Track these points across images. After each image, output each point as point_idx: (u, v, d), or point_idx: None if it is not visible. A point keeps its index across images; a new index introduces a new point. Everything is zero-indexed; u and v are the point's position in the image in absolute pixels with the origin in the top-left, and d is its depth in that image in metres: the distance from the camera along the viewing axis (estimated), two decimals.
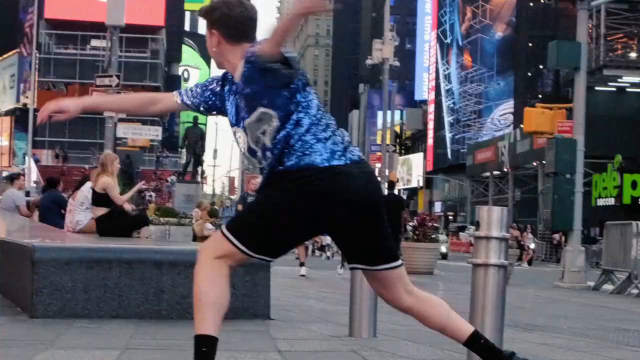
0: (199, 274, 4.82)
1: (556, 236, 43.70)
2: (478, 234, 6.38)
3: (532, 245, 45.78)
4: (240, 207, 22.72)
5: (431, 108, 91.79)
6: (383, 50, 48.61)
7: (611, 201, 47.53)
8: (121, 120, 33.16)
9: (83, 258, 8.93)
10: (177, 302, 8.51)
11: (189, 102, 5.20)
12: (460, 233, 59.63)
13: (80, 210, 15.66)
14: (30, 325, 7.88)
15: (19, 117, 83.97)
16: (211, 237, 5.23)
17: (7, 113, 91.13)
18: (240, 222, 4.95)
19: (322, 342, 7.59)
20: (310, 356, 6.57)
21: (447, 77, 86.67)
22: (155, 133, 45.82)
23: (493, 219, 6.36)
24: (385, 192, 25.34)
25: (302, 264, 19.21)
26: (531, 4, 66.46)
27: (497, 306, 6.36)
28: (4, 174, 44.89)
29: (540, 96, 56.08)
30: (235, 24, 5.03)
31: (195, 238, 25.33)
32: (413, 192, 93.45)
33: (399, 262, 4.99)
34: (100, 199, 13.93)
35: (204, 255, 4.83)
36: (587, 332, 10.10)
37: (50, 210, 18.32)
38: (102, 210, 13.85)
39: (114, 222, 13.74)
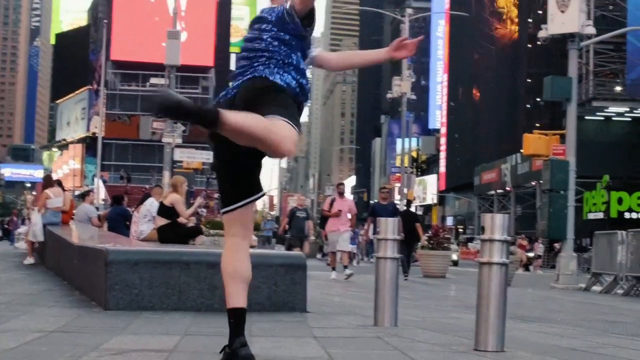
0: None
1: (557, 245, 43.60)
2: (483, 237, 6.48)
3: (540, 253, 45.69)
4: (286, 220, 22.72)
5: (443, 140, 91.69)
6: (401, 86, 48.63)
7: (600, 215, 47.40)
8: (178, 146, 33.38)
9: (148, 259, 9.06)
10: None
11: None
12: (469, 243, 59.42)
13: (143, 221, 15.88)
14: (104, 316, 7.96)
15: (89, 144, 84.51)
16: None
17: (79, 141, 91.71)
18: None
19: (351, 330, 7.66)
20: (341, 341, 6.65)
21: (457, 110, 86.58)
22: (206, 157, 45.84)
23: (496, 224, 6.47)
24: (404, 207, 25.48)
25: (345, 267, 18.98)
26: (529, 45, 66.27)
27: (500, 299, 6.43)
28: (77, 192, 45.13)
29: (537, 125, 55.82)
30: None
31: None
32: (428, 208, 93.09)
33: None
34: (166, 211, 14.17)
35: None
36: (578, 323, 10.12)
37: (117, 222, 18.48)
38: (164, 221, 14.08)
39: (173, 231, 13.93)
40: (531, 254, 44.57)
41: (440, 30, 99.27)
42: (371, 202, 74.14)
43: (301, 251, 20.59)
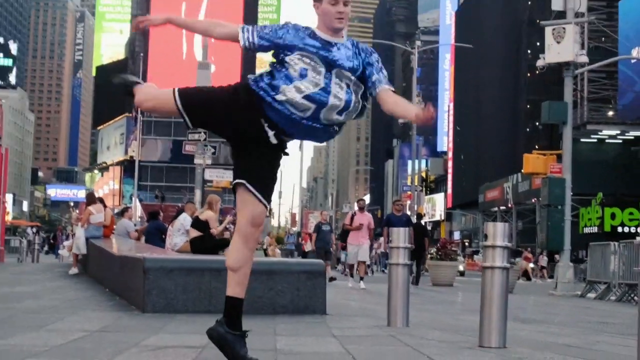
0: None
1: (557, 257, 43.45)
2: (486, 244, 6.51)
3: (544, 264, 45.57)
4: (314, 235, 22.66)
5: (450, 163, 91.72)
6: None
7: (595, 229, 47.24)
8: (208, 166, 33.44)
9: (182, 267, 9.12)
10: (253, 300, 8.59)
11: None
12: (475, 256, 59.23)
13: (177, 235, 15.98)
14: (142, 318, 8.03)
15: (127, 166, 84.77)
16: None
17: (118, 163, 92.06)
18: None
19: (367, 329, 7.69)
20: (357, 339, 6.69)
21: (463, 134, 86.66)
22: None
23: (497, 232, 6.51)
24: (415, 220, 25.44)
25: (361, 278, 18.79)
26: (528, 74, 66.27)
27: (502, 300, 6.46)
28: (116, 210, 45.27)
29: (536, 147, 55.72)
30: None
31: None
32: (437, 223, 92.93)
33: None
34: (199, 225, 14.30)
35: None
36: (574, 324, 10.13)
37: (154, 235, 18.56)
38: (196, 233, 14.20)
39: (205, 243, 14.03)
40: (532, 265, 44.41)
41: (446, 63, 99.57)
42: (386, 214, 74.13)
43: (326, 262, 20.68)
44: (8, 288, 12.56)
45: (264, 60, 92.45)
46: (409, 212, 48.07)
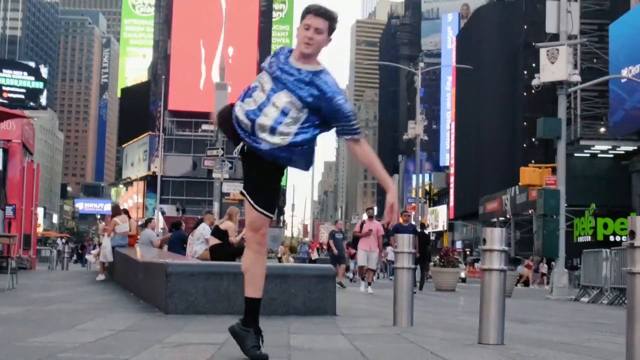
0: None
1: (554, 263, 43.47)
2: (484, 247, 6.55)
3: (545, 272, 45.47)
4: (331, 242, 22.61)
5: (452, 178, 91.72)
6: (415, 129, 48.69)
7: (588, 238, 47.12)
8: (225, 180, 33.62)
9: (202, 271, 9.18)
10: (268, 302, 8.61)
11: None
12: (475, 264, 59.10)
13: (197, 243, 16.05)
14: (165, 319, 8.07)
15: (150, 181, 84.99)
16: None
17: (141, 178, 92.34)
18: None
19: (374, 328, 7.72)
20: (365, 337, 6.72)
21: (463, 150, 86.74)
22: None
23: (495, 237, 6.55)
24: (419, 230, 25.42)
25: (369, 284, 18.76)
26: (525, 93, 66.32)
27: (499, 300, 6.49)
28: (139, 222, 45.36)
29: (532, 161, 55.68)
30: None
31: None
32: (440, 234, 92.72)
33: None
34: (219, 234, 14.37)
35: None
36: (569, 324, 10.14)
37: (176, 244, 18.62)
38: (216, 241, 14.26)
39: (223, 251, 14.08)
40: (522, 272, 44.34)
41: (448, 85, 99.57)
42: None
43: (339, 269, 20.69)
44: (40, 293, 12.63)
45: None
46: (413, 223, 48.03)
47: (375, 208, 28.23)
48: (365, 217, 20.13)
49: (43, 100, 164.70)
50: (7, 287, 12.85)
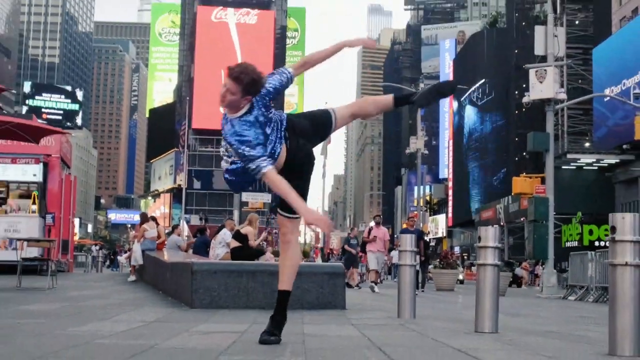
0: None
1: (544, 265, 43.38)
2: (479, 245, 6.58)
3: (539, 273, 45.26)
4: (346, 246, 22.51)
5: (450, 191, 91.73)
6: (417, 144, 48.79)
7: (575, 243, 46.90)
8: (244, 190, 33.81)
9: (224, 270, 9.23)
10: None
11: None
12: (472, 267, 58.99)
13: (219, 247, 16.09)
14: (191, 312, 8.11)
15: (175, 193, 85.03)
16: None
17: (168, 191, 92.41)
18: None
19: (380, 320, 7.75)
20: (372, 327, 6.75)
21: (464, 162, 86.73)
22: (267, 198, 46.59)
23: (489, 235, 6.58)
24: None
25: (375, 283, 18.74)
26: (516, 112, 66.31)
27: (493, 292, 6.52)
28: (166, 230, 45.43)
29: (524, 173, 55.60)
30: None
31: None
32: (439, 240, 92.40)
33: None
34: (239, 238, 14.41)
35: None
36: (556, 318, 10.15)
37: (200, 248, 18.68)
38: (236, 244, 14.29)
39: (243, 252, 14.12)
40: (520, 274, 44.21)
41: (446, 106, 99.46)
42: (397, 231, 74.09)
43: (353, 271, 20.65)
44: (77, 292, 12.70)
45: (291, 103, 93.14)
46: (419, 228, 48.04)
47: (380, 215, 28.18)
48: (372, 224, 20.11)
49: (79, 120, 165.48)
50: (48, 287, 12.91)
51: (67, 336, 5.33)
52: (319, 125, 5.02)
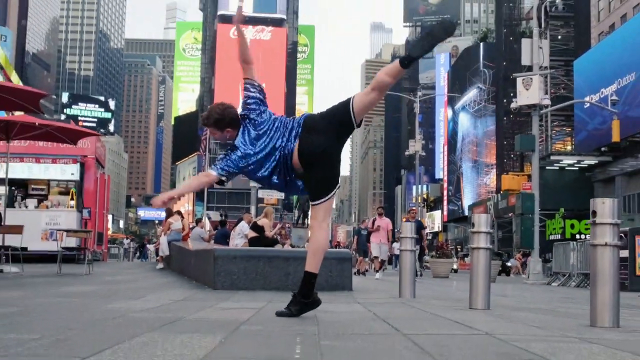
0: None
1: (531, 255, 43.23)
2: (473, 230, 6.58)
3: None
4: (356, 237, 22.29)
5: (445, 191, 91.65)
6: (415, 146, 48.70)
7: (558, 236, 46.77)
8: (260, 188, 33.82)
9: (243, 255, 9.26)
10: (298, 280, 8.71)
11: None
12: (465, 258, 58.85)
13: (238, 237, 16.11)
14: (213, 293, 8.13)
15: (198, 193, 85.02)
16: None
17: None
18: None
19: (383, 299, 7.77)
20: (376, 304, 6.76)
21: (457, 163, 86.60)
22: (280, 194, 46.50)
23: (482, 221, 6.59)
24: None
25: (376, 271, 18.68)
26: (505, 119, 66.24)
27: (485, 272, 6.52)
28: (191, 225, 45.51)
29: (512, 171, 55.53)
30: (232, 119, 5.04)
31: None
32: (435, 234, 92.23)
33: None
34: (257, 229, 14.42)
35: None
36: (542, 299, 10.12)
37: (220, 239, 18.72)
38: (254, 234, 14.30)
39: (260, 242, 14.12)
40: (509, 263, 44.06)
41: (441, 114, 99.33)
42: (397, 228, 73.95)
43: (364, 260, 20.56)
44: (111, 277, 12.75)
45: (301, 111, 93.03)
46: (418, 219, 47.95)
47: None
48: (376, 215, 20.02)
49: (111, 127, 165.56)
50: (85, 273, 12.98)
51: (104, 311, 5.36)
52: (334, 117, 4.93)
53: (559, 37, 59.66)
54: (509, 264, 44.32)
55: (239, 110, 5.16)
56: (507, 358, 3.09)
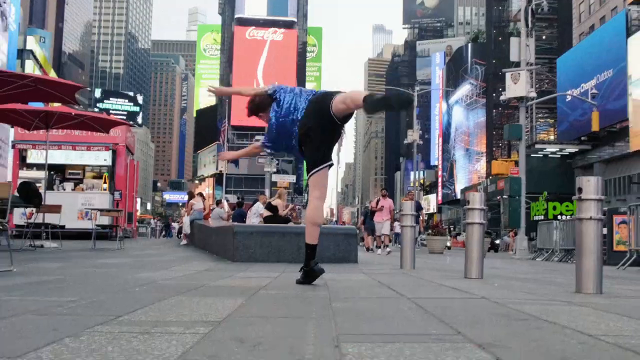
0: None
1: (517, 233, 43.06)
2: (468, 207, 6.53)
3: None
4: (362, 218, 22.00)
5: (439, 177, 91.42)
6: (413, 136, 48.51)
7: (541, 217, 46.55)
8: (274, 173, 33.77)
9: (259, 231, 9.23)
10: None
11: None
12: (457, 237, 58.78)
13: (253, 217, 16.05)
14: (233, 264, 8.14)
15: (217, 178, 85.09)
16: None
17: (211, 176, 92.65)
18: None
19: (386, 270, 7.73)
20: (380, 274, 6.73)
21: (451, 151, 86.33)
22: (292, 178, 46.47)
23: (476, 199, 6.53)
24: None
25: (386, 246, 18.43)
26: (494, 111, 65.87)
27: (479, 245, 6.47)
28: (212, 207, 45.56)
29: (500, 158, 55.28)
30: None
31: None
32: (431, 215, 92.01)
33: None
34: (271, 208, 14.37)
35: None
36: (529, 271, 10.06)
37: (237, 218, 18.65)
38: (268, 213, 14.24)
39: (274, 220, 14.07)
40: (497, 241, 44.02)
41: (436, 109, 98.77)
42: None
43: (371, 237, 20.45)
44: (140, 251, 12.75)
45: None
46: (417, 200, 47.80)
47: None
48: (379, 196, 19.87)
49: (139, 120, 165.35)
50: (117, 248, 13.00)
51: (134, 279, 5.34)
52: (321, 107, 4.86)
53: (544, 37, 59.29)
54: (497, 241, 44.28)
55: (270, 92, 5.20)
56: (504, 318, 3.04)
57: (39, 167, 19.17)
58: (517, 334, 2.56)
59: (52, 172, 19.64)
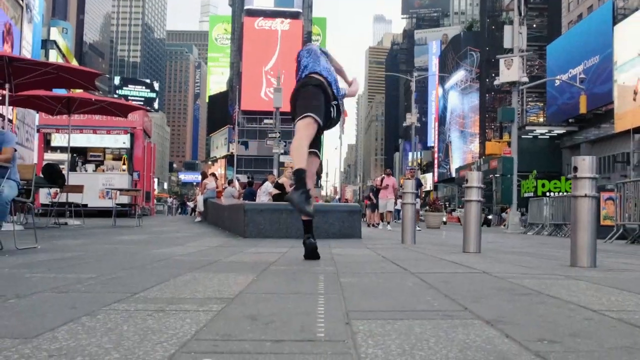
0: None
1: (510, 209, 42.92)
2: (466, 185, 6.40)
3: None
4: (370, 194, 21.72)
5: (435, 157, 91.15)
6: (411, 119, 48.23)
7: (531, 194, 46.41)
8: (281, 154, 33.59)
9: (268, 209, 9.13)
10: (315, 229, 8.66)
11: None
12: (452, 212, 58.68)
13: (263, 195, 15.95)
14: (244, 240, 8.05)
15: (229, 159, 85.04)
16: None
17: (223, 157, 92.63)
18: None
19: (388, 245, 7.62)
20: (382, 249, 6.63)
21: (446, 133, 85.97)
22: None
23: (474, 178, 6.40)
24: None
25: (388, 222, 18.28)
26: (487, 96, 65.43)
27: (476, 221, 6.35)
28: (224, 186, 45.51)
29: (494, 139, 54.92)
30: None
31: None
32: (427, 193, 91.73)
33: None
34: (279, 187, 14.27)
35: None
36: (522, 244, 9.95)
37: (248, 197, 18.56)
38: (276, 191, 14.14)
39: (281, 198, 13.97)
40: (490, 216, 43.92)
41: (433, 95, 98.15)
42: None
43: (373, 214, 20.17)
44: (158, 228, 12.69)
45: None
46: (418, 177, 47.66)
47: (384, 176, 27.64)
48: (384, 175, 19.58)
49: (156, 105, 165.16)
50: (135, 225, 12.93)
51: (152, 255, 5.25)
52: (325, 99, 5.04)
53: (534, 25, 58.77)
54: (489, 217, 44.16)
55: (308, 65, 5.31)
56: (507, 293, 2.93)
57: (62, 149, 19.08)
58: (522, 309, 2.45)
59: (74, 155, 19.56)
